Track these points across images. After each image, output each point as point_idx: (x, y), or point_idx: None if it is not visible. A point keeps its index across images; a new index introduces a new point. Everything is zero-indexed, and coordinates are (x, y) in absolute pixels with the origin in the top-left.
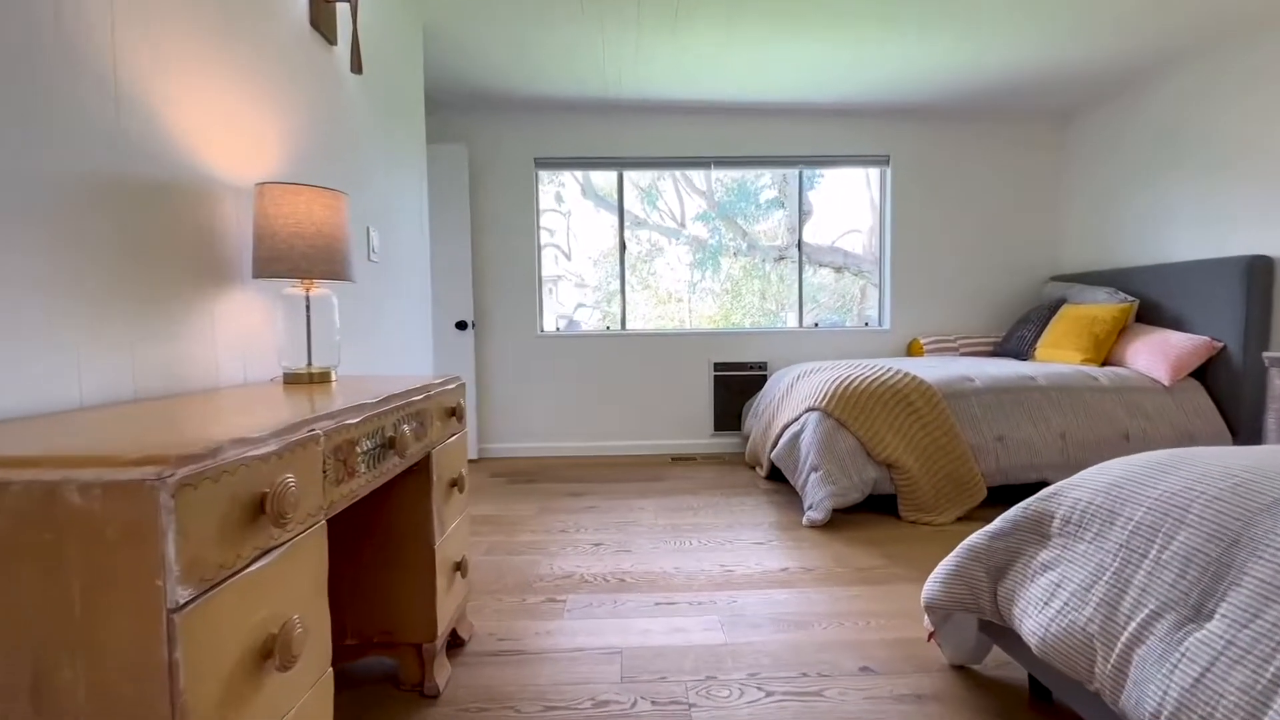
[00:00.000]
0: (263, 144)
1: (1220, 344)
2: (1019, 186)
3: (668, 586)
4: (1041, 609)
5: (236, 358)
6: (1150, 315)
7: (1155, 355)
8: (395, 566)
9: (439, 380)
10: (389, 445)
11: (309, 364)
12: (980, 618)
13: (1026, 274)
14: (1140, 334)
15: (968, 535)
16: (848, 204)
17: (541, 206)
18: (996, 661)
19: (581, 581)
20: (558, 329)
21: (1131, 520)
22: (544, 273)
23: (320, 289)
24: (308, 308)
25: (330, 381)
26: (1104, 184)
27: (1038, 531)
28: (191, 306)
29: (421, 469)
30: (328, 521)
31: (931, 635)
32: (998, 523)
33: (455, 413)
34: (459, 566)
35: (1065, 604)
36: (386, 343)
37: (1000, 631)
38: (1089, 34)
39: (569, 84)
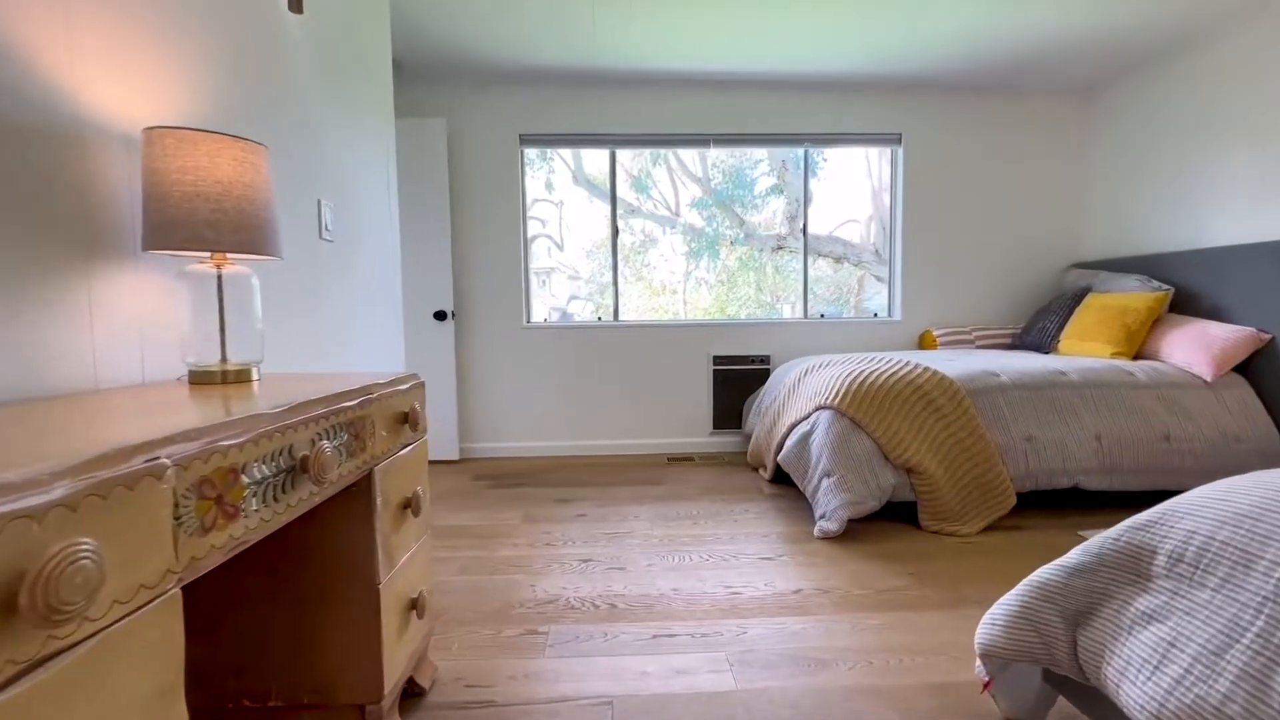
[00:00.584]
0: (165, 83)
1: (1268, 335)
2: (1038, 167)
3: (666, 614)
4: (1152, 674)
5: (130, 351)
6: (1185, 305)
7: (1195, 348)
8: (331, 610)
9: (386, 380)
10: (301, 468)
11: (222, 360)
12: (1053, 670)
13: (1045, 261)
14: (1176, 325)
15: (997, 548)
16: (847, 192)
17: (533, 196)
18: (1061, 714)
19: (567, 608)
20: (545, 320)
21: None
22: (537, 265)
23: (236, 266)
24: (219, 290)
25: (251, 381)
26: (1132, 163)
27: (1133, 570)
28: (55, 286)
29: (361, 490)
30: (234, 557)
31: (987, 685)
32: (1077, 555)
33: (409, 419)
34: (415, 604)
35: (1187, 671)
36: (344, 335)
37: (1069, 683)
38: None
39: (556, 52)
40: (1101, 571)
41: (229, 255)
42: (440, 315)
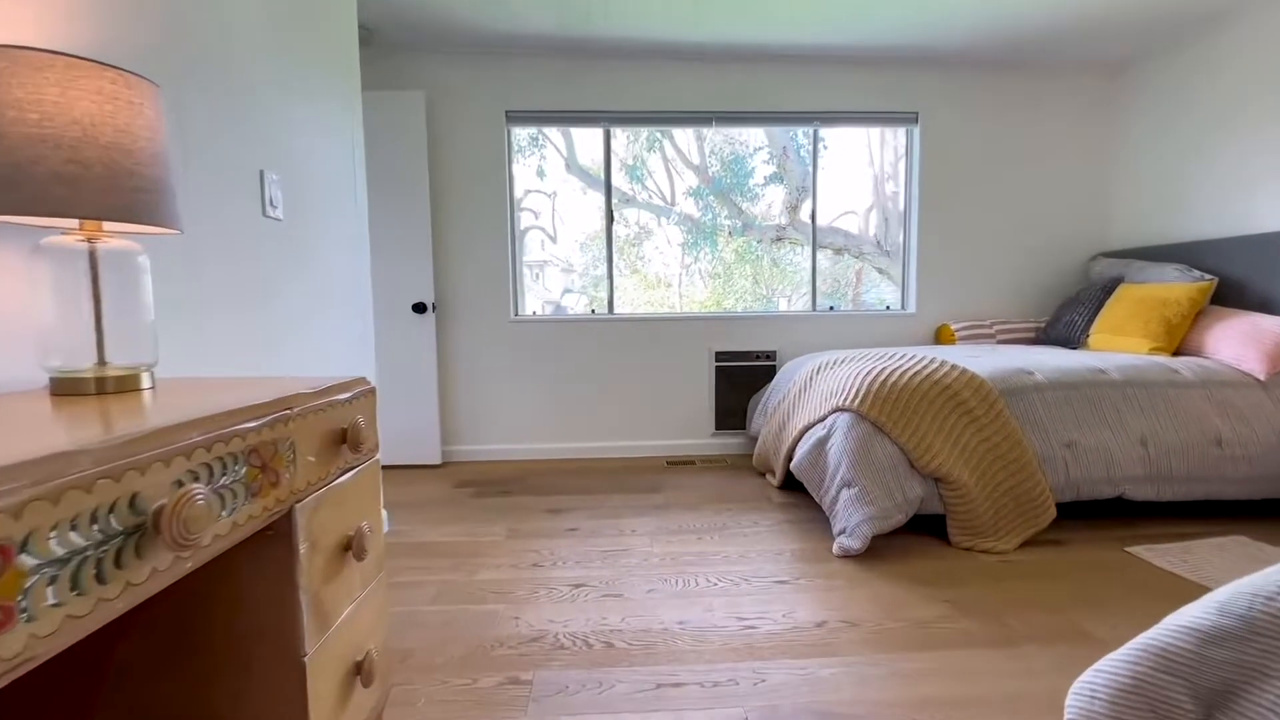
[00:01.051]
0: None
1: None
2: (1064, 149)
3: (670, 654)
4: None
5: None
6: (1229, 296)
7: (1245, 343)
8: (241, 688)
9: (316, 388)
10: (154, 527)
11: (99, 362)
12: None
13: (1070, 250)
14: (1221, 318)
15: (1039, 568)
16: (846, 182)
17: (525, 186)
18: None
19: (556, 647)
20: (533, 314)
21: None
22: (530, 258)
23: (118, 240)
24: (93, 270)
25: (138, 390)
26: (1167, 145)
27: None
28: None
29: (278, 535)
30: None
31: None
32: (1212, 616)
33: (349, 437)
34: (361, 669)
35: None
36: (298, 329)
37: None
38: None
39: (547, 20)
40: (1253, 641)
41: (105, 225)
42: (419, 308)
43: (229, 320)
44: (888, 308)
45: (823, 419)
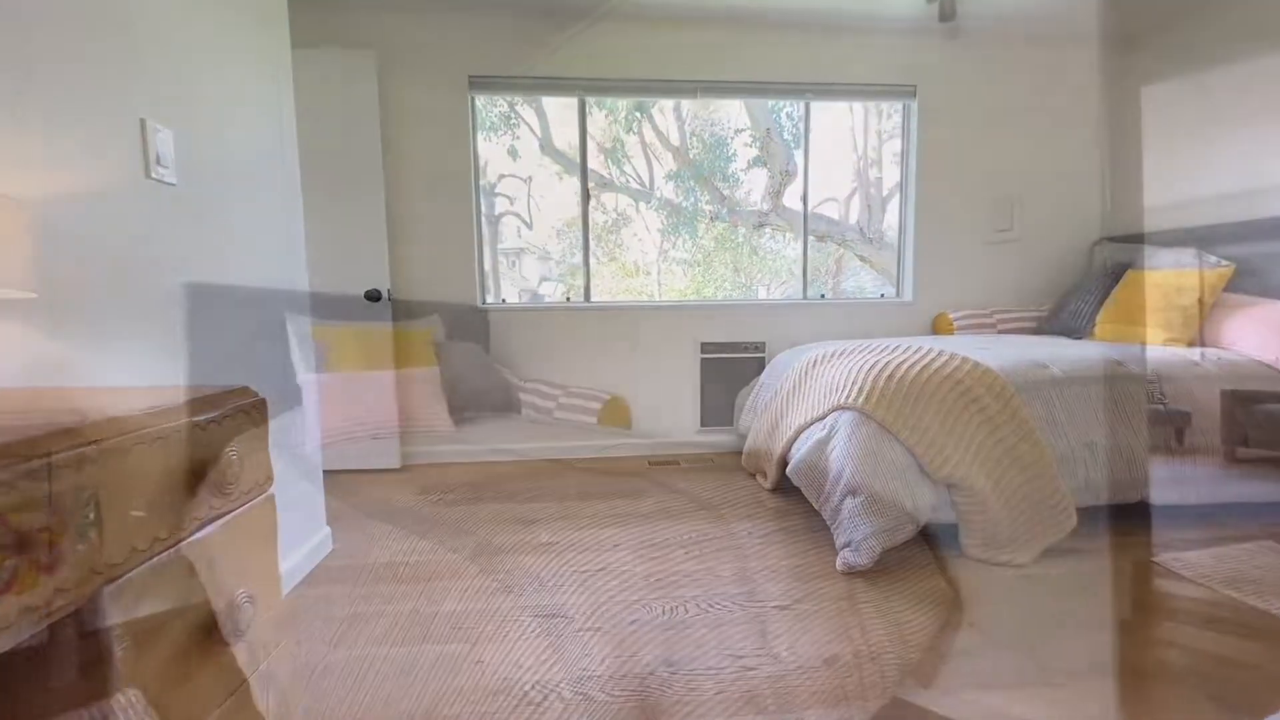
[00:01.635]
0: None
1: None
2: (1066, 128)
3: (658, 710)
4: None
5: None
6: (1246, 283)
7: (1268, 334)
8: None
9: (145, 410)
10: None
11: None
12: None
13: (1072, 235)
14: (1239, 307)
15: (1063, 583)
16: (828, 167)
17: (501, 169)
18: None
19: (522, 702)
20: (503, 301)
21: None
22: (505, 245)
23: None
24: None
25: None
26: (1177, 123)
27: None
28: None
29: (83, 633)
30: None
31: None
32: None
33: (211, 476)
34: None
35: None
36: (196, 324)
37: None
38: None
39: None
40: None
41: None
42: (373, 295)
43: (85, 313)
44: (882, 296)
45: (822, 418)
